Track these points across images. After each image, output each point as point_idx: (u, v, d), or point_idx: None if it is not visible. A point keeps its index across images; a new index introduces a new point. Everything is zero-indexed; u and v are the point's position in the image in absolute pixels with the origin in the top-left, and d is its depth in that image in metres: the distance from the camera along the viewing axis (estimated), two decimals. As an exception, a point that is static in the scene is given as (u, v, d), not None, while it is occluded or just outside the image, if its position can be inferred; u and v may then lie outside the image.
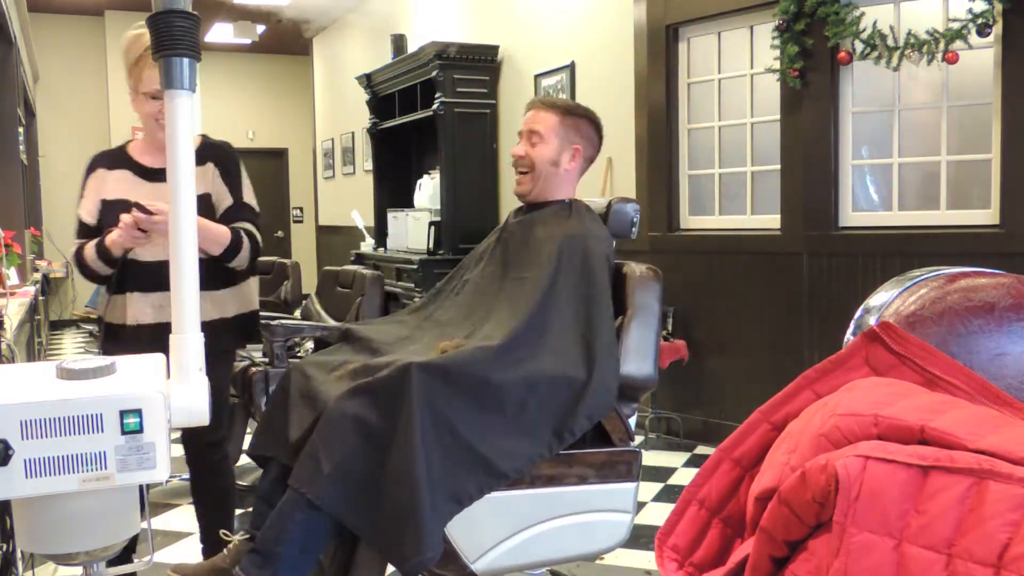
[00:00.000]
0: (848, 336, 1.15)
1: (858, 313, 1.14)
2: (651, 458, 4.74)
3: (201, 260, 1.67)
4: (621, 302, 2.43)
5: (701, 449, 5.00)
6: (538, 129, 2.56)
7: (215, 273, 2.69)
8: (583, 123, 2.60)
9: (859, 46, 4.24)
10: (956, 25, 3.93)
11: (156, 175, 2.73)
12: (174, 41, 1.45)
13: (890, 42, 4.13)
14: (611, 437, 2.31)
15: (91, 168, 2.78)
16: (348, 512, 2.06)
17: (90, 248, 2.65)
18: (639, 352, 2.36)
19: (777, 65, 4.48)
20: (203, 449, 2.89)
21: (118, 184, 2.73)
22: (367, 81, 8.12)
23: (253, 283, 2.97)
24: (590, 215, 2.57)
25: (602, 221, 2.58)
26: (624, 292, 2.44)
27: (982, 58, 3.99)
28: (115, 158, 2.80)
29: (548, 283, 2.34)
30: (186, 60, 1.46)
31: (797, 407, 1.01)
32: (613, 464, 2.30)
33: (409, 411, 2.04)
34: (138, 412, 1.35)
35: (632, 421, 2.43)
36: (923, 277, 1.11)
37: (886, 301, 1.12)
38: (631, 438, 2.34)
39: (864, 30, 4.19)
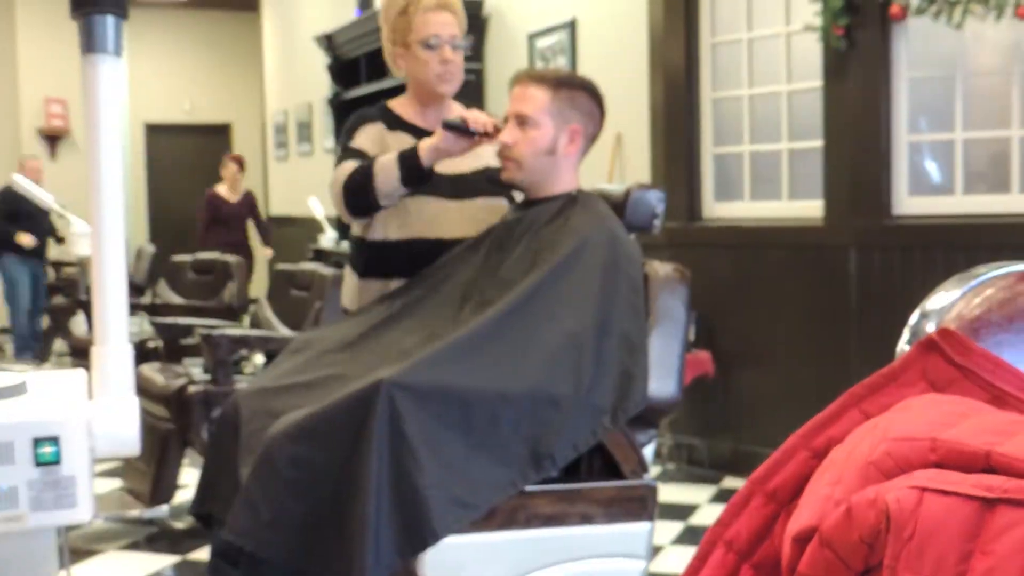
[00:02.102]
0: (902, 345, 1.16)
1: (914, 318, 1.15)
2: (670, 493, 4.76)
3: None
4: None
5: (729, 481, 5.02)
6: (526, 111, 2.54)
7: None
8: (579, 95, 2.58)
9: (915, -1, 4.26)
10: (1030, -26, 3.96)
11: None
12: (96, -5, 1.46)
13: (952, -6, 4.15)
14: (622, 468, 2.32)
15: (361, 121, 2.82)
16: (295, 558, 2.12)
17: (384, 163, 2.57)
18: (661, 368, 2.37)
19: (818, 22, 4.50)
20: None
21: (401, 144, 2.69)
22: (327, 42, 8.12)
23: None
24: (603, 208, 2.55)
25: (616, 214, 2.55)
26: (645, 296, 2.45)
27: (1062, 13, 4.02)
28: (389, 118, 2.83)
29: (540, 283, 2.34)
30: (110, 19, 1.47)
31: (842, 430, 1.02)
32: (624, 501, 2.30)
33: (367, 441, 2.08)
34: (55, 440, 1.35)
35: (648, 450, 2.44)
36: (990, 275, 1.12)
37: (947, 304, 1.13)
38: (646, 470, 2.35)
39: (921, -20, 4.21)
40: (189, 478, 4.17)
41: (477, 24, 6.84)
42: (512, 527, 2.20)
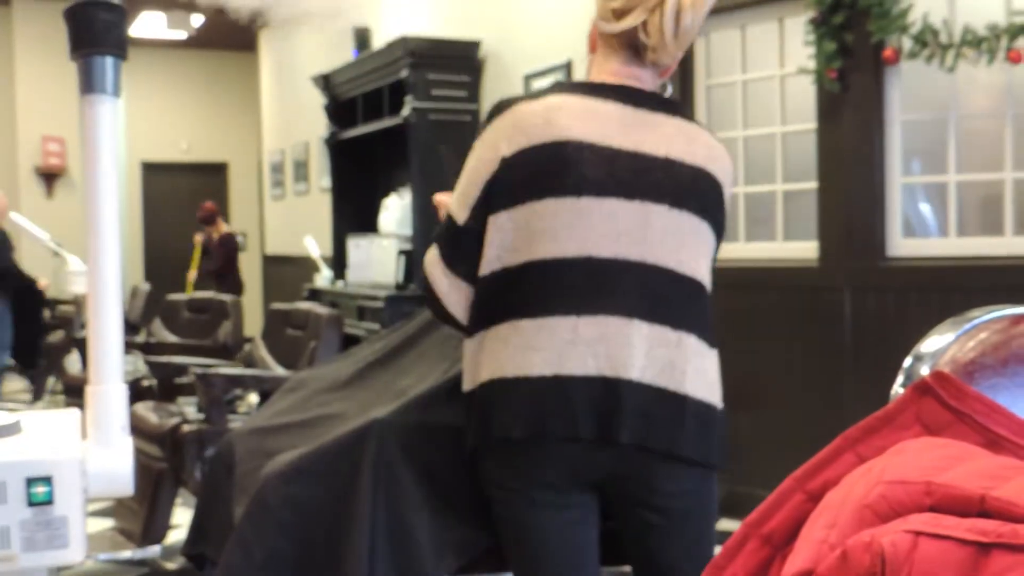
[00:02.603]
0: (897, 388, 1.16)
1: (908, 361, 1.15)
2: (664, 534, 4.72)
3: None
4: None
5: (723, 524, 4.99)
6: None
7: None
8: None
9: (907, 43, 4.29)
10: (1021, 19, 3.99)
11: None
12: (95, 37, 1.47)
13: (944, 38, 4.19)
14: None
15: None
16: None
17: None
18: None
19: (812, 65, 4.53)
20: None
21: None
22: (324, 83, 8.17)
23: None
24: None
25: None
26: None
27: (1053, 58, 4.05)
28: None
29: None
30: (109, 60, 1.48)
31: (837, 473, 1.02)
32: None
33: (361, 475, 2.08)
34: (48, 480, 1.35)
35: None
36: (984, 318, 1.12)
37: (941, 347, 1.13)
38: None
39: (913, 24, 4.25)
40: (182, 518, 4.14)
41: (473, 65, 6.90)
42: (502, 570, 2.18)
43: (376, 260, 7.25)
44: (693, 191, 1.87)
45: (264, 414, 2.53)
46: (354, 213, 8.13)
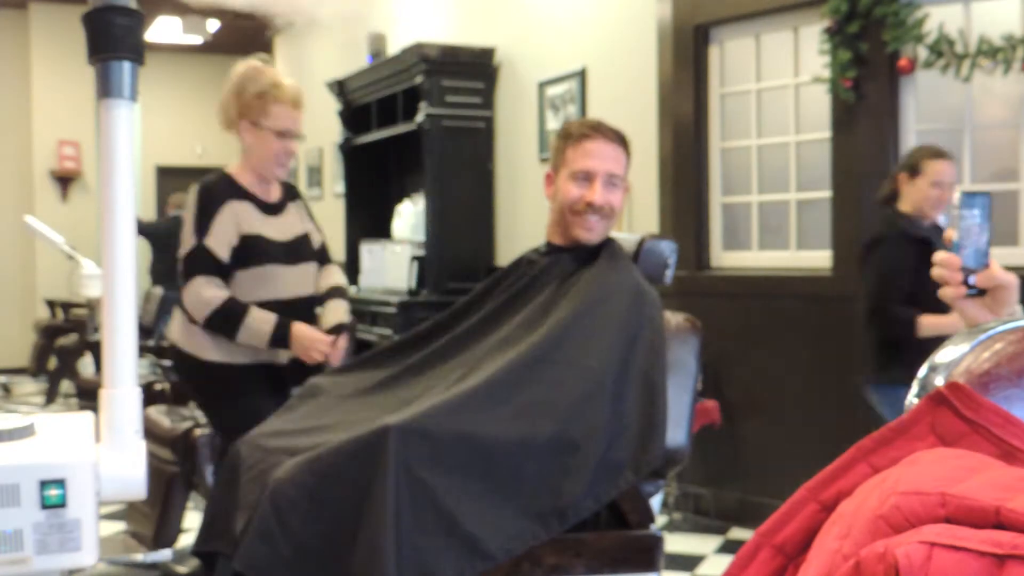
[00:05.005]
0: (911, 399, 1.15)
1: (922, 371, 1.15)
2: (676, 543, 4.72)
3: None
4: None
5: (736, 533, 4.98)
6: (618, 172, 2.55)
7: None
8: (628, 153, 2.63)
9: (923, 53, 4.29)
10: (1038, 29, 3.99)
11: (274, 210, 3.26)
12: (113, 42, 1.48)
13: (959, 48, 4.18)
14: (627, 519, 2.31)
15: (219, 199, 3.14)
16: None
17: (259, 319, 3.08)
18: (671, 418, 2.37)
19: (826, 74, 4.53)
20: None
21: (249, 217, 3.15)
22: (339, 88, 8.19)
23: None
24: (626, 255, 2.59)
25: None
26: None
27: (1069, 68, 4.04)
28: (234, 189, 3.20)
29: (566, 323, 2.36)
30: (127, 64, 1.49)
31: (851, 483, 1.01)
32: (629, 551, 2.29)
33: (382, 482, 2.05)
34: (61, 483, 1.35)
35: (655, 500, 2.42)
36: (999, 329, 1.12)
37: (956, 358, 1.13)
38: (652, 520, 2.34)
39: (929, 34, 4.25)
40: (193, 522, 4.15)
41: (488, 72, 6.91)
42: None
43: (389, 266, 7.26)
44: None
45: (282, 417, 2.53)
46: (367, 219, 8.15)
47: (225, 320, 3.07)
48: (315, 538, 2.09)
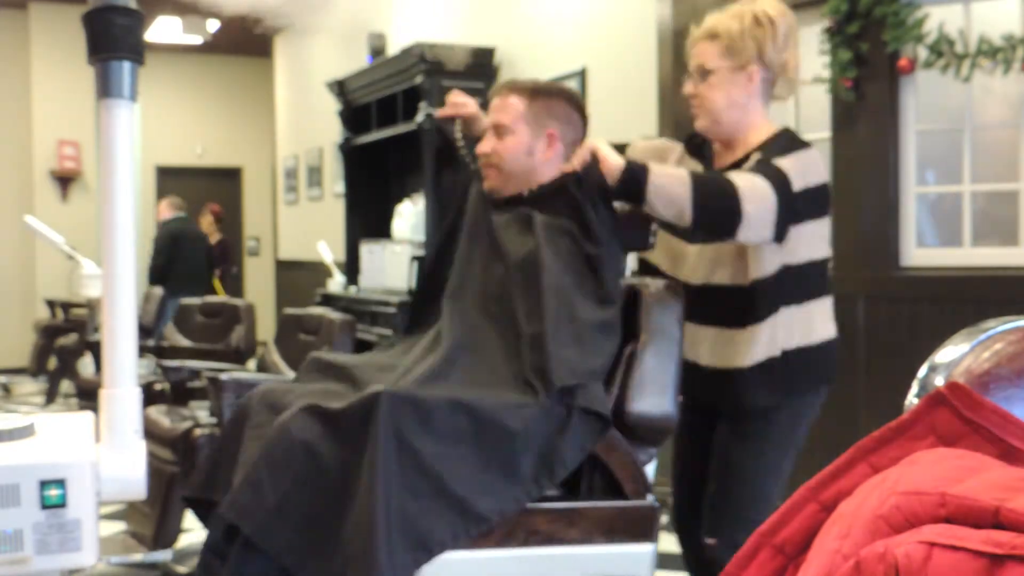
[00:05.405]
0: (911, 399, 1.15)
1: (922, 371, 1.15)
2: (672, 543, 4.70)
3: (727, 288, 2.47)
4: (633, 326, 2.42)
5: (736, 532, 4.96)
6: (503, 121, 2.60)
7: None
8: (556, 103, 2.64)
9: (923, 53, 4.28)
10: (1038, 29, 3.99)
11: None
12: (113, 42, 1.48)
13: (959, 48, 4.18)
14: (623, 488, 2.30)
15: None
16: (293, 555, 2.08)
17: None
18: (656, 385, 2.36)
19: (826, 74, 4.53)
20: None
21: None
22: (339, 88, 8.19)
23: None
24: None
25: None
26: (637, 314, 2.43)
27: (1069, 68, 4.04)
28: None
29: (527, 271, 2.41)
30: (127, 64, 1.49)
31: (851, 483, 1.01)
32: (625, 521, 2.28)
33: (373, 446, 2.07)
34: (61, 483, 1.35)
35: (650, 469, 2.41)
36: (999, 329, 1.12)
37: (956, 358, 1.13)
38: (648, 490, 2.33)
39: (929, 34, 4.24)
40: (193, 522, 4.15)
41: (488, 72, 6.90)
42: (510, 544, 2.17)
43: (389, 266, 7.26)
44: None
45: (295, 383, 2.55)
46: (367, 219, 8.15)
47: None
48: (302, 494, 2.09)
